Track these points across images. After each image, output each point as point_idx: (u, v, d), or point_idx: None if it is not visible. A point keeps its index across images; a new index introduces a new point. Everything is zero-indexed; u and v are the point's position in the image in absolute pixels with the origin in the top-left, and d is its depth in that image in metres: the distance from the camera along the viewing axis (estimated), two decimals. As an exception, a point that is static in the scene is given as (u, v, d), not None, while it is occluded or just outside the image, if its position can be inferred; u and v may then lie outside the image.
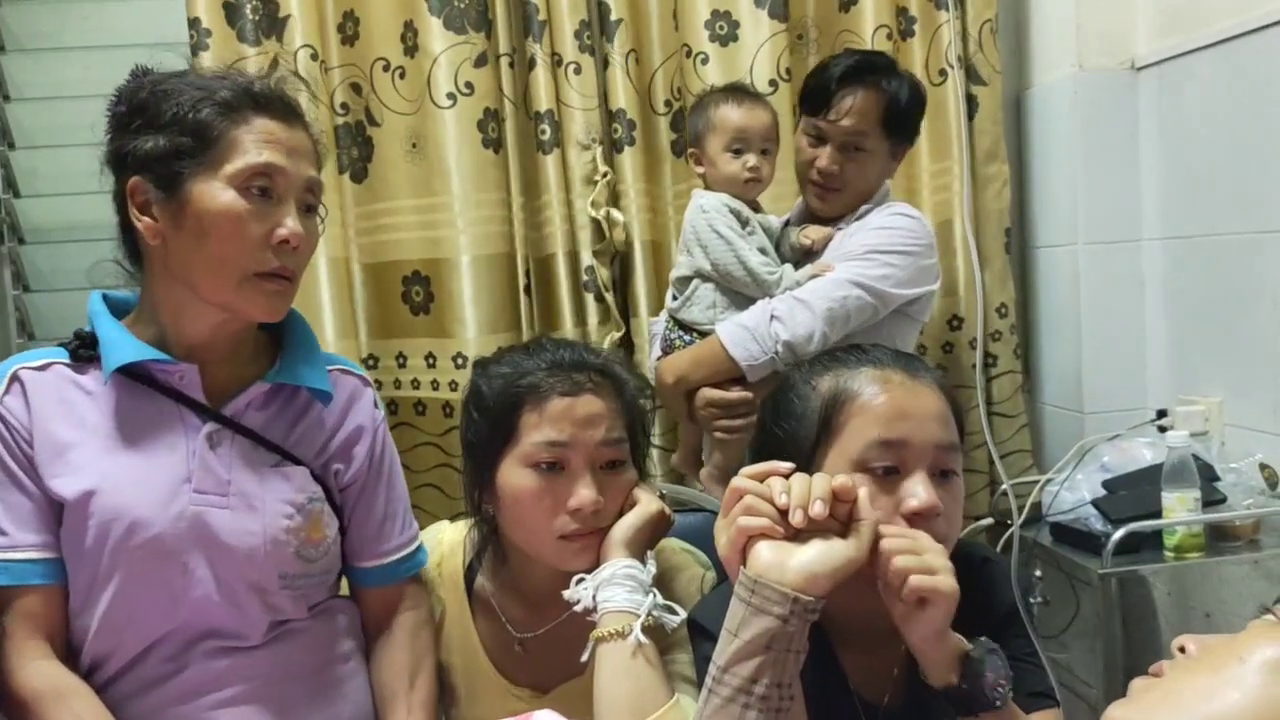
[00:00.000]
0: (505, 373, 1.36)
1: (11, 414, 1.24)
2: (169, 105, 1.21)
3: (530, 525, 1.34)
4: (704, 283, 1.95)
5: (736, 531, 1.05)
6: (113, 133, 1.25)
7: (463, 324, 2.22)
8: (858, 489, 1.06)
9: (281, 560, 1.29)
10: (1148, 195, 2.28)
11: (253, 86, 1.25)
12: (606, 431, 1.33)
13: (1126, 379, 2.31)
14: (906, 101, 1.95)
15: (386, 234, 2.27)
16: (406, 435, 2.30)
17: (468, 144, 2.20)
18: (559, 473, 1.32)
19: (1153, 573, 1.88)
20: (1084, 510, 2.00)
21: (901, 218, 1.95)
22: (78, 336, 1.28)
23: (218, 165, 1.21)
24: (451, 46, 2.19)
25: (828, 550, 1.03)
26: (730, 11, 2.26)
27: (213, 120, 1.21)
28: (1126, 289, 2.30)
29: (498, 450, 1.34)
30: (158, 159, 1.21)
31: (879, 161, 1.98)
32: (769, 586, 1.01)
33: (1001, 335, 2.38)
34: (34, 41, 2.43)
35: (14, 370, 1.26)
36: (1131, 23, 2.28)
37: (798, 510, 1.03)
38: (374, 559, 1.41)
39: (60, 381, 1.26)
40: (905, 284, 1.91)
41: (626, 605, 1.24)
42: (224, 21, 2.21)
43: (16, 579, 1.23)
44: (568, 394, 1.32)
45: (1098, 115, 2.28)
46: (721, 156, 1.96)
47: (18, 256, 2.39)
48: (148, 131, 1.21)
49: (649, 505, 1.35)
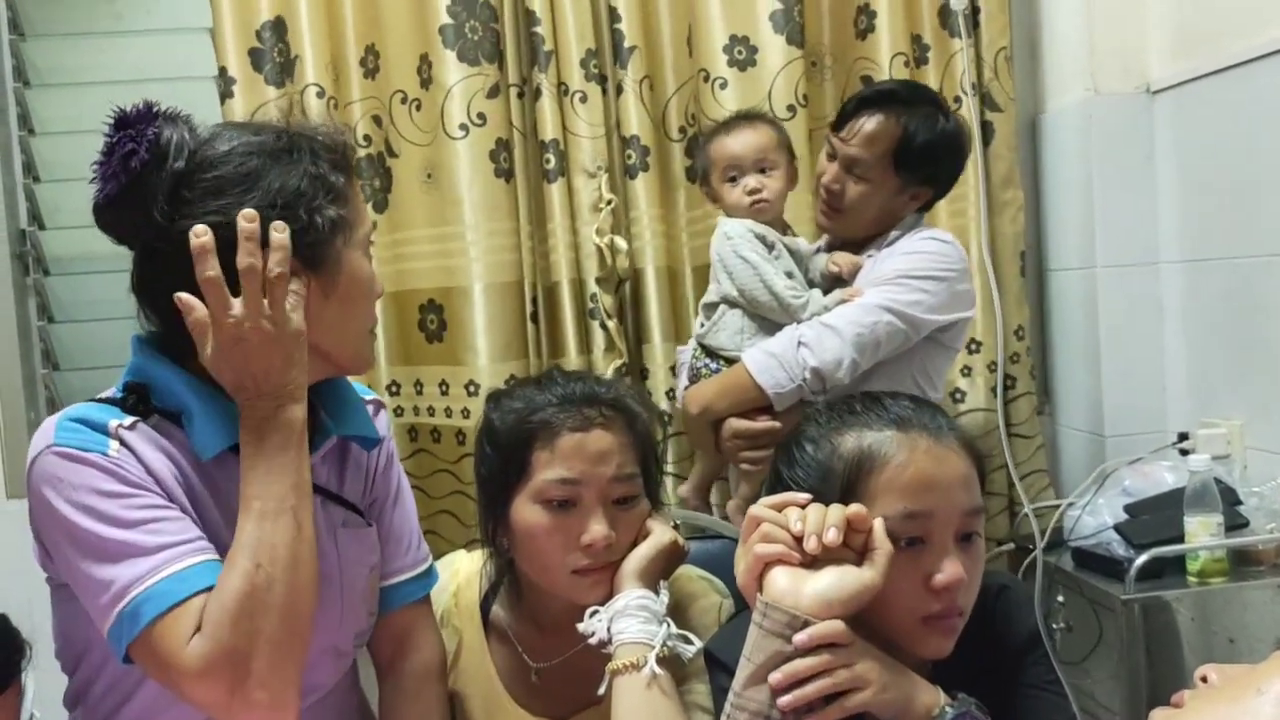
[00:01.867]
0: (517, 407, 1.36)
1: (130, 465, 1.11)
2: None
3: (543, 561, 1.34)
4: (731, 308, 1.94)
5: (753, 558, 1.06)
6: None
7: (474, 352, 2.23)
8: (872, 518, 1.07)
9: (357, 620, 1.29)
10: (1165, 218, 2.27)
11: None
12: (618, 467, 1.32)
13: (1146, 402, 2.30)
14: (923, 140, 1.88)
15: (405, 263, 2.29)
16: (424, 462, 2.31)
17: (480, 174, 2.22)
18: (571, 509, 1.31)
19: (1176, 598, 1.86)
20: (1106, 535, 1.99)
21: (934, 242, 1.91)
22: (131, 390, 1.16)
23: (352, 229, 1.17)
24: (465, 78, 2.21)
25: (842, 577, 1.04)
26: (749, 36, 2.27)
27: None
28: (1145, 312, 2.29)
29: (510, 486, 1.34)
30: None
31: (882, 193, 1.92)
32: (784, 611, 1.02)
33: (1019, 358, 2.38)
34: (57, 76, 2.46)
35: (110, 427, 1.12)
36: (1145, 46, 2.28)
37: (812, 537, 1.04)
38: (384, 579, 1.37)
39: (147, 444, 1.14)
40: (937, 310, 1.85)
41: (640, 636, 1.24)
42: (249, 67, 2.25)
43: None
44: (579, 429, 1.32)
45: (1113, 139, 2.28)
46: (724, 188, 1.96)
47: (42, 288, 2.42)
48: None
49: (662, 536, 1.35)
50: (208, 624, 1.05)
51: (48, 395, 2.43)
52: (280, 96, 2.25)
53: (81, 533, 1.08)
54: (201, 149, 1.11)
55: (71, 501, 1.08)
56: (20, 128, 2.41)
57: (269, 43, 2.25)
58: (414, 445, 2.33)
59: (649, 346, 2.30)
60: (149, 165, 1.08)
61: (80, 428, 1.11)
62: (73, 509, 1.08)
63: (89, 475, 1.08)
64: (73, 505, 1.08)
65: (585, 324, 2.28)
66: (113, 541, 1.07)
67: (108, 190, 1.10)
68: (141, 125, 1.09)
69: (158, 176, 1.08)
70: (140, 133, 1.08)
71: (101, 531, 1.07)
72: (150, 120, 1.10)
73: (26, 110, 2.42)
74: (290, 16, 2.27)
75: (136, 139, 1.08)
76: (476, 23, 2.21)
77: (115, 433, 1.11)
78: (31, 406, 2.38)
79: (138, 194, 1.09)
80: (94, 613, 1.09)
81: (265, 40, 2.25)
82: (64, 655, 1.23)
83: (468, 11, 2.21)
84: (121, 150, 1.08)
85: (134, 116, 1.10)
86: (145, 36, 2.51)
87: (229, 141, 1.13)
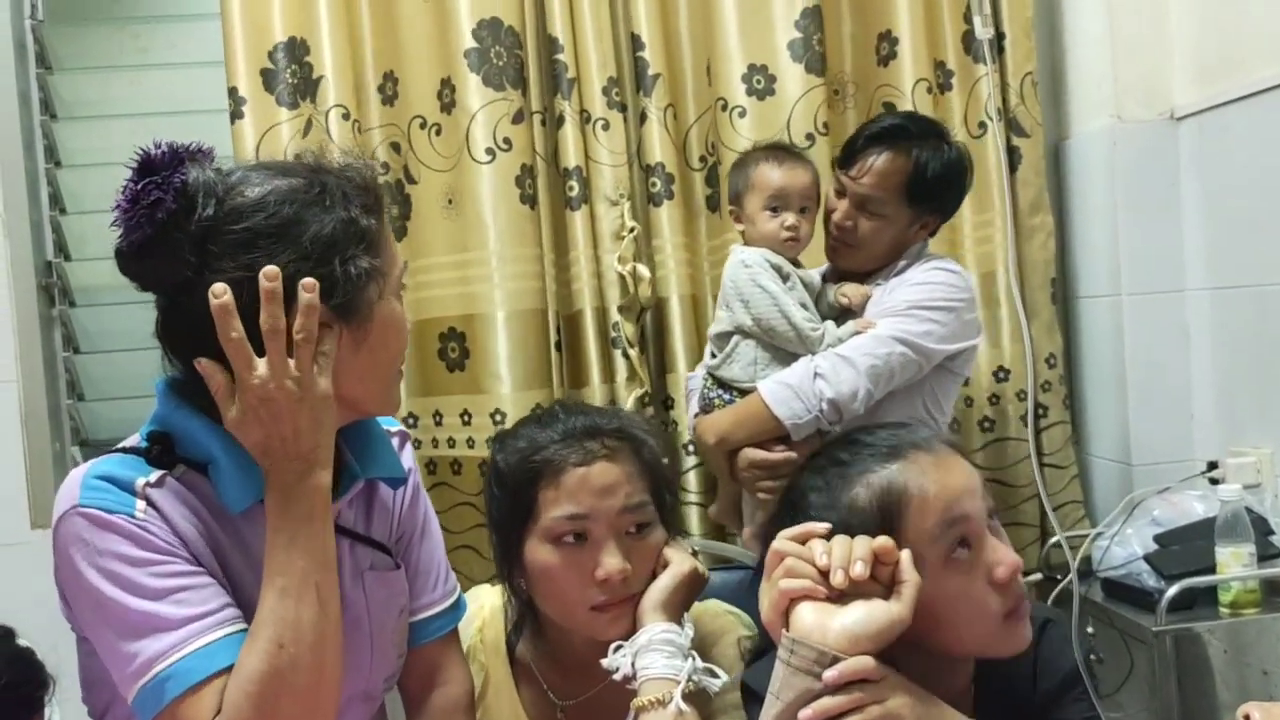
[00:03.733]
0: (520, 447, 1.34)
1: (157, 527, 1.08)
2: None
3: (561, 600, 1.32)
4: (745, 339, 1.93)
5: (778, 594, 1.04)
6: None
7: (499, 380, 2.22)
8: (899, 550, 1.05)
9: (387, 664, 1.27)
10: (1190, 245, 2.25)
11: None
12: (626, 498, 1.31)
13: (1174, 430, 2.27)
14: (934, 172, 1.90)
15: (424, 290, 2.28)
16: (445, 495, 2.28)
17: (505, 199, 2.21)
18: (583, 544, 1.30)
19: (1208, 630, 1.84)
20: (1136, 565, 1.96)
21: (942, 272, 1.93)
22: (155, 440, 1.12)
23: (385, 277, 1.14)
24: (490, 103, 2.21)
25: (870, 612, 1.02)
26: (768, 65, 2.28)
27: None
28: (1171, 339, 2.27)
29: (521, 527, 1.32)
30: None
31: (896, 227, 1.94)
32: (811, 648, 1.00)
33: (1051, 386, 2.36)
34: (84, 109, 2.49)
35: (138, 486, 1.09)
36: (1169, 73, 2.27)
37: (839, 571, 1.02)
38: (411, 615, 1.34)
39: (175, 502, 1.10)
40: (948, 339, 1.88)
41: (666, 671, 1.22)
42: (261, 88, 2.25)
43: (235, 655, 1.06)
44: (582, 464, 1.30)
45: (1137, 166, 2.26)
46: (760, 215, 1.95)
47: (68, 319, 2.44)
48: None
49: (681, 565, 1.33)
50: (229, 706, 1.03)
51: (73, 426, 2.45)
52: (294, 118, 2.24)
53: (107, 601, 1.06)
54: (230, 195, 1.07)
55: (97, 567, 1.06)
56: (47, 160, 2.44)
57: (282, 64, 2.25)
58: (433, 479, 2.31)
59: (673, 376, 2.29)
60: (176, 215, 1.04)
61: (107, 486, 1.08)
62: (98, 575, 1.06)
63: (115, 541, 1.06)
64: (99, 571, 1.06)
65: (608, 353, 2.27)
66: (138, 613, 1.05)
67: (133, 239, 1.05)
68: (167, 172, 1.05)
69: (185, 227, 1.05)
70: (167, 180, 1.05)
71: (127, 602, 1.05)
72: (176, 165, 1.06)
73: (53, 143, 2.45)
74: (311, 37, 2.26)
75: (163, 186, 1.04)
76: (501, 48, 2.22)
77: (142, 492, 1.08)
78: (57, 437, 2.39)
79: (164, 244, 1.05)
80: (118, 680, 1.07)
81: (278, 61, 2.25)
82: (89, 701, 1.22)
83: (493, 37, 2.21)
84: (147, 199, 1.04)
85: (159, 161, 1.06)
86: (169, 70, 2.54)
87: (258, 187, 1.08)
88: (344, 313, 1.09)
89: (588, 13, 2.25)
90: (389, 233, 1.17)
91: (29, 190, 2.38)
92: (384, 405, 1.21)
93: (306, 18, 2.26)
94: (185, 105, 2.47)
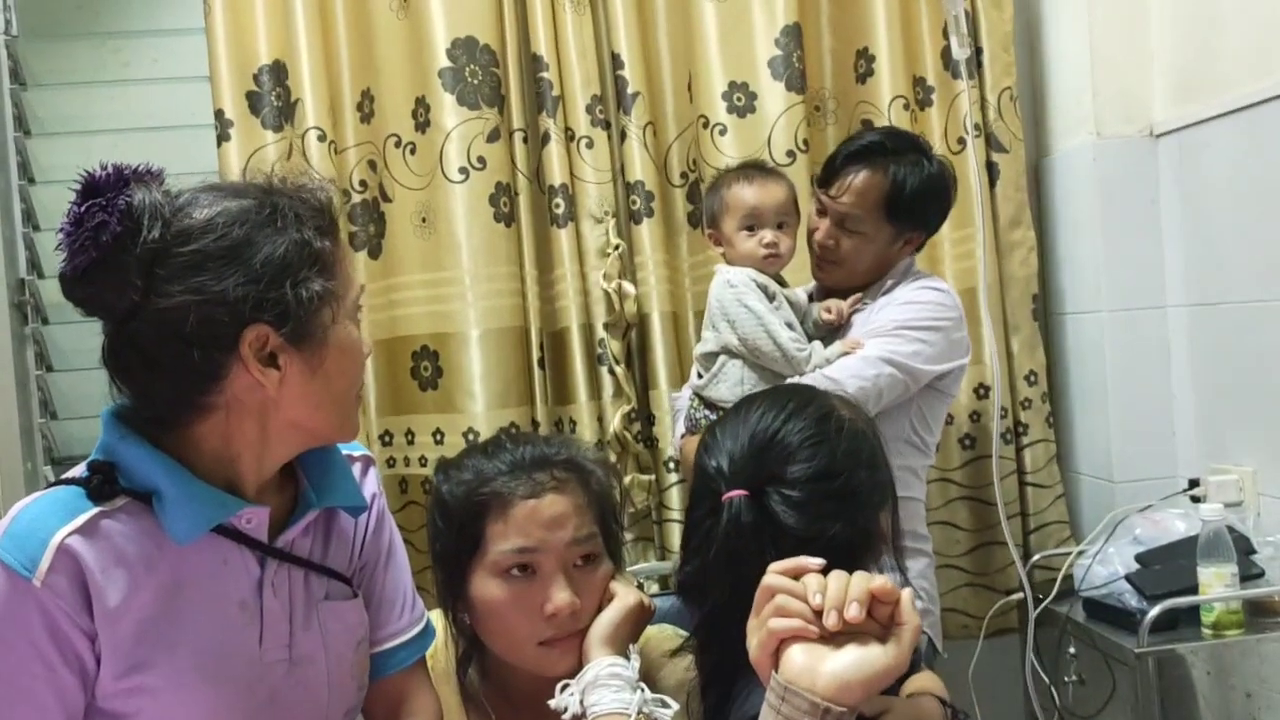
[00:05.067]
0: (466, 479, 1.31)
1: (60, 600, 1.02)
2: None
3: (508, 636, 1.30)
4: (731, 359, 1.91)
5: (768, 634, 0.99)
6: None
7: (472, 398, 2.20)
8: (900, 591, 0.99)
9: (345, 698, 1.23)
10: (1171, 262, 2.25)
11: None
12: (575, 530, 1.28)
13: (1156, 447, 2.26)
14: (913, 188, 1.90)
15: (397, 309, 2.27)
16: (415, 515, 2.25)
17: (479, 218, 2.21)
18: (531, 577, 1.27)
19: (1191, 651, 1.83)
20: (1117, 585, 1.95)
21: (930, 291, 1.93)
22: (97, 470, 1.07)
23: (340, 300, 1.10)
24: (464, 122, 2.21)
25: (863, 657, 0.96)
26: (748, 83, 2.27)
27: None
28: (1152, 356, 2.27)
29: (466, 561, 1.29)
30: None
31: (877, 244, 1.94)
32: (799, 695, 0.95)
33: (1032, 403, 2.35)
34: (60, 125, 2.47)
35: (55, 540, 1.02)
36: (1148, 90, 2.27)
37: (833, 612, 0.96)
38: (375, 645, 1.30)
39: (103, 548, 1.04)
40: (936, 359, 1.87)
41: (615, 706, 1.20)
42: (247, 111, 2.25)
43: None
44: (531, 496, 1.27)
45: (1117, 182, 2.26)
46: (737, 235, 1.94)
47: (41, 337, 2.41)
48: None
49: (627, 598, 1.30)
50: None
51: (45, 444, 2.42)
52: (279, 140, 2.24)
53: None
54: (177, 217, 1.03)
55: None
56: (20, 176, 2.42)
57: (267, 86, 2.25)
58: (405, 497, 2.29)
59: (655, 392, 2.28)
60: (121, 237, 1.00)
61: (26, 533, 1.03)
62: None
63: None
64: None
65: (594, 370, 2.26)
66: None
67: (77, 263, 1.01)
68: (111, 194, 1.01)
69: (131, 250, 1.01)
70: (111, 201, 1.01)
71: None
72: (120, 186, 1.02)
73: (27, 159, 2.43)
74: (290, 59, 2.26)
75: (107, 208, 1.00)
76: (476, 66, 2.21)
77: (59, 546, 1.02)
78: (29, 455, 2.36)
79: (109, 268, 1.01)
80: None
81: (263, 84, 2.25)
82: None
83: (468, 55, 2.21)
84: (91, 221, 1.00)
85: (103, 182, 1.02)
86: (149, 85, 2.52)
87: (207, 208, 1.05)
88: (296, 338, 1.06)
89: (570, 31, 2.25)
90: (345, 254, 1.14)
91: (2, 207, 2.36)
92: (340, 432, 1.17)
93: (287, 40, 2.26)
94: (167, 120, 2.45)
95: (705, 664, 1.23)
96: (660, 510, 2.29)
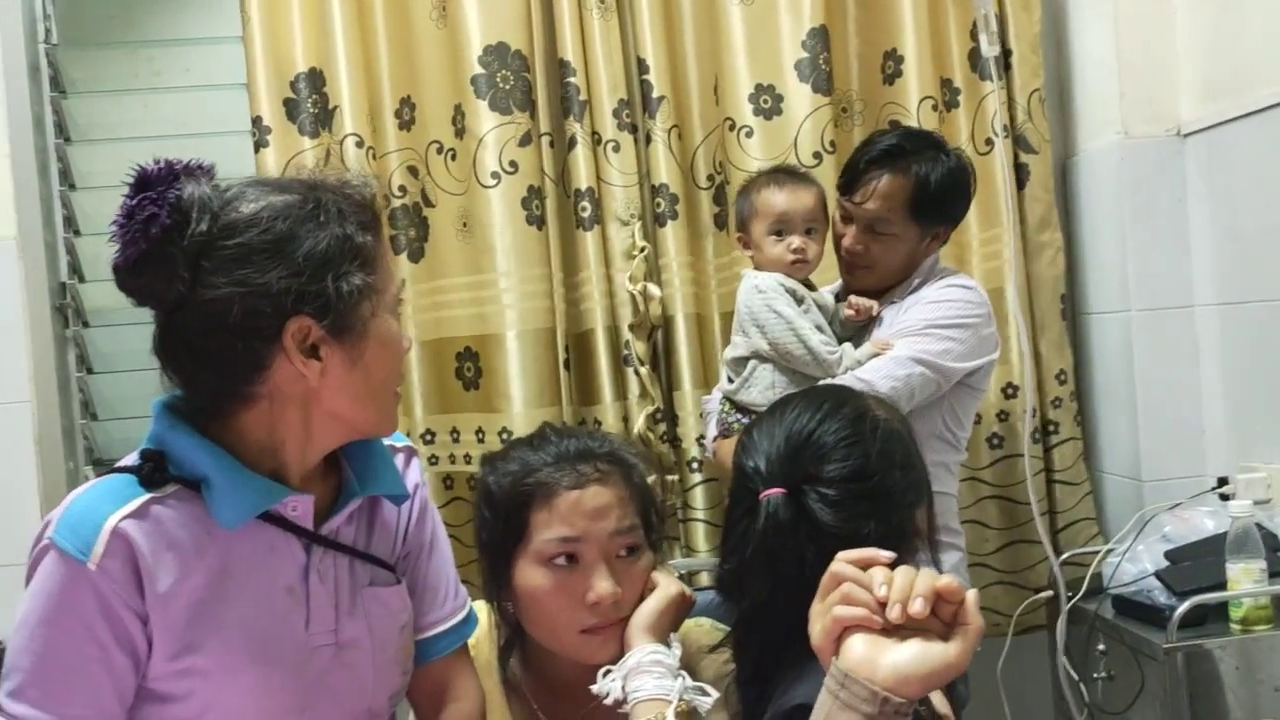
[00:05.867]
0: (512, 470, 1.34)
1: (114, 583, 1.06)
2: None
3: (550, 623, 1.32)
4: (762, 363, 1.93)
5: (832, 621, 0.99)
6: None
7: (509, 399, 2.24)
8: (965, 591, 0.99)
9: (390, 682, 1.26)
10: (1199, 261, 2.25)
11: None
12: (618, 521, 1.31)
13: (1184, 446, 2.27)
14: (937, 185, 1.91)
15: (442, 310, 2.31)
16: (460, 510, 2.30)
17: (512, 221, 2.24)
18: (574, 567, 1.30)
19: (1219, 646, 1.83)
20: (1146, 582, 1.96)
21: (958, 289, 1.94)
22: (148, 458, 1.11)
23: (380, 294, 1.13)
24: (497, 127, 2.24)
25: (925, 652, 0.96)
26: (774, 85, 2.29)
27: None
28: (1181, 355, 2.27)
29: (511, 549, 1.32)
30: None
31: (907, 244, 1.95)
32: (859, 683, 0.95)
33: (1061, 402, 2.36)
34: (98, 132, 2.51)
35: (107, 524, 1.06)
36: (1174, 90, 2.27)
37: (896, 605, 0.96)
38: (419, 632, 1.33)
39: (154, 532, 1.08)
40: (966, 357, 1.89)
41: (657, 693, 1.22)
42: (284, 117, 2.29)
43: None
44: (575, 487, 1.30)
45: (1145, 182, 2.27)
46: (766, 240, 1.95)
47: (81, 339, 2.45)
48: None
49: (669, 588, 1.33)
50: None
51: (86, 445, 2.46)
52: (316, 146, 2.28)
53: (17, 623, 1.08)
54: (225, 210, 1.07)
55: (30, 594, 1.08)
56: (61, 183, 2.46)
57: (304, 93, 2.29)
58: (450, 494, 2.34)
59: (679, 393, 2.30)
60: (170, 230, 1.04)
61: (79, 520, 1.07)
62: (26, 600, 1.08)
63: (51, 584, 1.07)
64: (28, 597, 1.08)
65: (620, 371, 2.28)
66: (16, 652, 1.07)
67: (128, 255, 1.06)
68: (162, 187, 1.05)
69: (179, 242, 1.04)
70: (161, 195, 1.04)
71: (18, 637, 1.07)
72: (171, 180, 1.05)
73: (67, 165, 2.47)
74: (328, 67, 2.30)
75: (157, 202, 1.04)
76: (508, 72, 2.24)
77: (112, 530, 1.06)
78: (70, 456, 2.41)
79: (158, 259, 1.05)
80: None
81: (300, 91, 2.29)
82: None
83: (499, 61, 2.24)
84: (142, 214, 1.04)
85: (154, 176, 1.06)
86: (182, 93, 2.56)
87: (253, 202, 1.08)
88: (336, 330, 1.09)
89: (598, 35, 2.27)
90: (387, 250, 1.17)
91: (43, 213, 2.40)
92: (380, 425, 1.20)
93: (325, 48, 2.30)
94: (199, 128, 2.49)
95: (743, 661, 1.25)
96: (685, 509, 2.31)
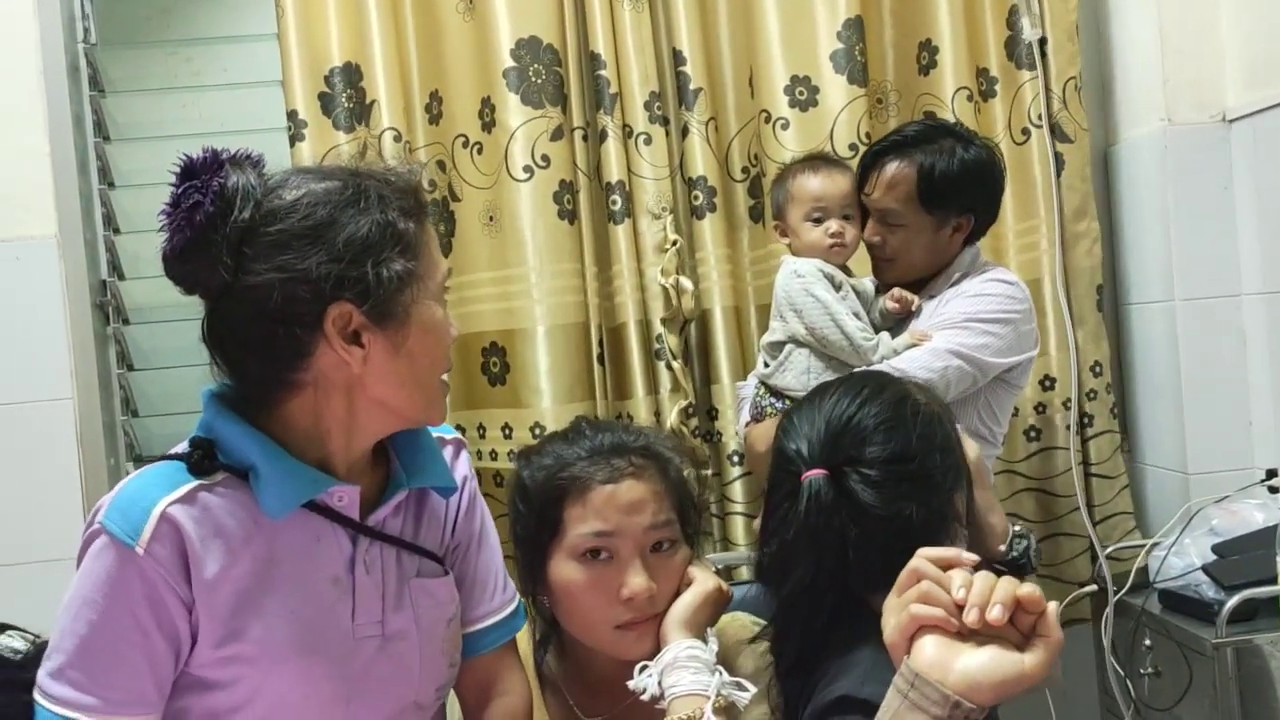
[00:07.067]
0: (547, 464, 1.34)
1: (161, 568, 1.07)
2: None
3: (585, 618, 1.32)
4: (798, 348, 1.93)
5: (908, 618, 0.98)
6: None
7: (539, 394, 2.23)
8: (1046, 603, 0.97)
9: (437, 674, 1.26)
10: (1245, 249, 2.21)
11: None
12: (653, 515, 1.30)
13: (1231, 438, 2.23)
14: (943, 174, 1.89)
15: (468, 306, 2.30)
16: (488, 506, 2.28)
17: (543, 216, 2.23)
18: (608, 561, 1.29)
19: (1270, 642, 1.80)
20: (1194, 576, 1.93)
21: (999, 284, 1.92)
22: (197, 446, 1.12)
23: (423, 281, 1.13)
24: (529, 121, 2.23)
25: (998, 661, 0.94)
26: (810, 77, 2.27)
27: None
28: (1227, 345, 2.23)
29: (545, 544, 1.32)
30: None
31: (922, 235, 1.93)
32: (930, 685, 0.94)
33: (1097, 394, 2.32)
34: (136, 131, 2.53)
35: (157, 508, 1.07)
36: (1220, 75, 2.23)
37: (974, 609, 0.95)
38: (466, 625, 1.33)
39: (202, 517, 1.09)
40: (1004, 352, 1.87)
41: (694, 688, 1.21)
42: (319, 112, 2.29)
43: None
44: (609, 481, 1.30)
45: (1189, 169, 2.23)
46: (803, 226, 1.95)
47: (122, 336, 2.48)
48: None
49: (705, 583, 1.32)
50: None
51: (127, 441, 2.48)
52: (351, 141, 2.28)
53: (66, 601, 1.10)
54: (268, 198, 1.08)
55: (79, 575, 1.10)
56: (100, 181, 2.48)
57: (339, 88, 2.29)
58: (477, 490, 2.33)
59: (718, 387, 2.28)
60: (214, 217, 1.05)
61: (128, 505, 1.09)
62: (75, 581, 1.10)
63: (100, 566, 1.08)
64: (76, 578, 1.10)
65: (652, 365, 2.27)
66: (60, 634, 1.08)
67: (174, 242, 1.08)
68: (207, 175, 1.06)
69: (222, 230, 1.06)
70: (205, 184, 1.06)
71: (65, 618, 1.09)
72: (216, 169, 1.07)
73: (106, 164, 2.49)
74: (364, 62, 2.31)
75: (202, 190, 1.06)
76: (540, 66, 2.23)
77: (161, 515, 1.07)
78: (111, 453, 2.43)
79: (203, 247, 1.06)
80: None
81: (335, 85, 2.29)
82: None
83: (531, 55, 2.23)
84: (187, 202, 1.06)
85: (200, 165, 1.07)
86: (220, 91, 2.58)
87: (295, 189, 1.09)
88: (378, 317, 1.09)
89: (629, 28, 2.26)
90: (431, 237, 1.16)
91: (83, 211, 2.42)
92: (427, 413, 1.19)
93: (360, 42, 2.30)
94: (235, 125, 2.51)
95: (784, 651, 1.24)
96: (723, 504, 2.30)
